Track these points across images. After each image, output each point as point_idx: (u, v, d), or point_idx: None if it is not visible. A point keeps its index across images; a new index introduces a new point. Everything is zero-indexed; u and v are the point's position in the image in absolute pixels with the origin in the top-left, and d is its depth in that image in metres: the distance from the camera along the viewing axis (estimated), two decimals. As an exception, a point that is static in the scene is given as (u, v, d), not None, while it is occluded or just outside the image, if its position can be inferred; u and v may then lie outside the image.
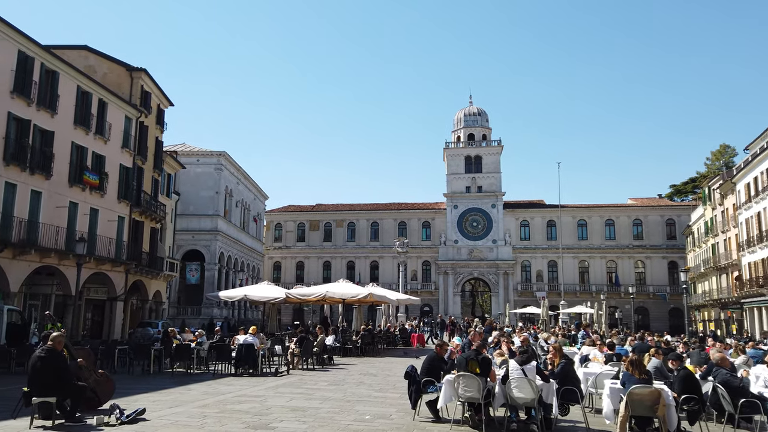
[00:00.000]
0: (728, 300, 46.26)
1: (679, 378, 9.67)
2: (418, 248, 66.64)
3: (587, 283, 63.80)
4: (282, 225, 71.27)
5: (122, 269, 30.38)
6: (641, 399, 8.62)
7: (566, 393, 9.92)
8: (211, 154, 47.84)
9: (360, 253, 68.55)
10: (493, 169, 67.20)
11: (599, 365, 12.88)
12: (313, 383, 15.12)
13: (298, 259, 70.03)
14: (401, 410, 11.07)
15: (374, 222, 69.56)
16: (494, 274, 65.32)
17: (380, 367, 19.75)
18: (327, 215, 70.66)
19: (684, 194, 75.35)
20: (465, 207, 66.80)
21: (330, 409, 11.21)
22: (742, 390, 9.44)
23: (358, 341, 24.49)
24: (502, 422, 9.67)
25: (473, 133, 69.42)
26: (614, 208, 66.65)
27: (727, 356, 11.75)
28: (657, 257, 63.74)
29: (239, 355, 16.73)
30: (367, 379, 16.34)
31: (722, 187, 47.71)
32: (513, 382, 9.34)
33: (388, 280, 61.74)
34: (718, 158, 68.95)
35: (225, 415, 10.41)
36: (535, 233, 66.45)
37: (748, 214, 41.54)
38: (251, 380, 15.62)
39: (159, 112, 36.10)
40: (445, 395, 9.79)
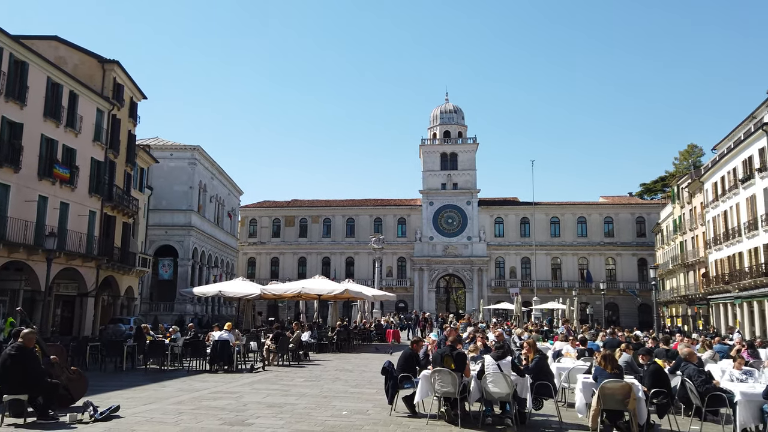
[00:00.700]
0: (695, 296, 47.45)
1: (648, 372, 9.93)
2: (394, 244, 66.81)
3: (559, 280, 64.76)
4: (257, 220, 70.74)
5: (93, 265, 29.85)
6: (613, 393, 8.84)
7: (540, 387, 10.11)
8: (184, 148, 47.20)
9: (336, 249, 68.45)
10: (468, 167, 67.70)
11: (572, 360, 13.14)
12: (289, 379, 15.12)
13: (273, 254, 69.60)
14: (378, 405, 11.15)
15: (350, 218, 69.52)
16: (469, 270, 65.87)
17: (356, 363, 19.82)
18: (302, 211, 70.37)
19: (654, 193, 76.92)
20: (440, 204, 67.18)
21: (307, 405, 11.24)
22: (709, 384, 9.74)
23: (334, 337, 24.51)
24: (478, 417, 9.82)
25: (449, 131, 69.81)
26: (586, 206, 67.73)
27: (695, 351, 12.11)
28: (627, 254, 65.02)
29: (214, 352, 16.62)
30: (343, 374, 16.40)
31: (690, 186, 48.86)
32: (488, 377, 9.48)
33: (363, 277, 61.78)
34: (687, 158, 70.54)
35: (201, 411, 10.36)
36: (509, 230, 67.17)
37: (714, 213, 42.63)
38: (226, 377, 15.54)
39: (132, 105, 35.48)
40: (421, 390, 9.90)
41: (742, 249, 37.38)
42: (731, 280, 38.42)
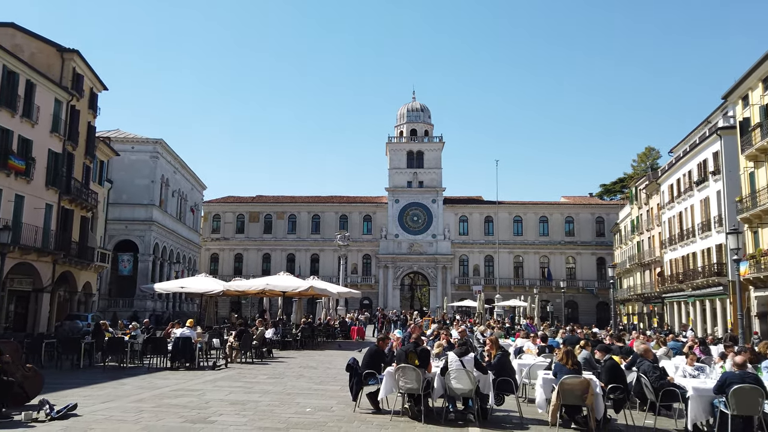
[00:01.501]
0: (651, 294, 48.92)
1: (605, 368, 10.22)
2: (359, 242, 66.85)
3: (521, 278, 65.89)
4: (221, 216, 69.78)
5: (49, 259, 28.97)
6: (572, 388, 9.08)
7: (502, 383, 10.30)
8: (146, 141, 46.18)
9: (300, 246, 68.09)
10: (434, 165, 68.19)
11: (533, 357, 13.42)
12: (253, 376, 15.01)
13: (237, 251, 68.78)
14: (342, 402, 11.18)
15: (315, 215, 69.23)
16: (433, 268, 66.40)
17: (320, 360, 19.79)
18: (267, 207, 69.71)
19: (613, 193, 78.85)
20: (406, 201, 67.51)
21: (270, 402, 11.19)
22: (664, 379, 10.08)
23: (298, 334, 24.41)
24: (441, 412, 9.95)
25: (416, 129, 70.15)
26: (548, 205, 69.06)
27: (651, 348, 12.52)
28: (587, 253, 66.55)
29: (176, 349, 16.36)
30: (307, 371, 16.36)
31: (648, 188, 50.31)
32: (452, 374, 9.62)
33: (328, 273, 61.62)
34: (644, 160, 72.58)
35: (162, 409, 10.21)
36: (473, 229, 67.97)
37: (670, 214, 44.00)
38: (188, 374, 15.32)
39: (92, 96, 34.52)
40: (385, 387, 9.98)
41: (695, 249, 38.69)
42: (685, 280, 39.74)
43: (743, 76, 31.22)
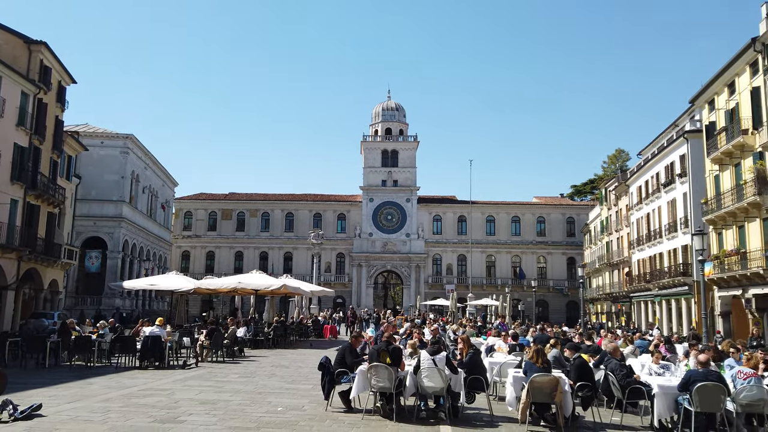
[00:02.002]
0: (619, 294, 49.88)
1: (574, 366, 10.40)
2: (333, 240, 66.69)
3: (493, 277, 66.54)
4: (192, 213, 68.86)
5: (14, 256, 28.22)
6: (541, 386, 9.22)
7: (473, 382, 10.41)
8: (116, 136, 45.28)
9: (274, 244, 67.61)
10: (408, 164, 68.40)
11: (503, 355, 13.58)
12: (224, 376, 14.87)
13: (209, 248, 67.99)
14: (314, 401, 11.15)
15: (289, 213, 68.82)
16: (407, 266, 66.61)
17: (292, 358, 19.71)
18: (240, 204, 69.05)
19: (583, 194, 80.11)
20: (380, 200, 67.57)
21: (241, 401, 11.10)
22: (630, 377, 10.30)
23: (270, 333, 24.25)
24: (412, 411, 10.00)
25: (390, 128, 70.24)
26: (520, 205, 69.84)
27: (619, 347, 12.77)
28: (557, 253, 67.53)
29: (145, 348, 16.11)
30: (279, 371, 16.27)
31: (617, 189, 51.25)
32: (423, 372, 9.68)
33: (301, 272, 61.32)
34: (614, 162, 73.91)
35: (130, 409, 10.05)
36: (446, 228, 68.38)
37: (638, 215, 44.91)
38: (157, 373, 15.11)
39: (60, 90, 33.71)
40: (358, 386, 9.99)
41: (662, 250, 39.56)
42: (652, 279, 40.60)
43: (709, 81, 32.01)
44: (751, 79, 27.95)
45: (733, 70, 29.53)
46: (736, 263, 28.54)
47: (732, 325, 30.75)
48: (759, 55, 27.06)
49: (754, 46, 27.11)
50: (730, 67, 29.58)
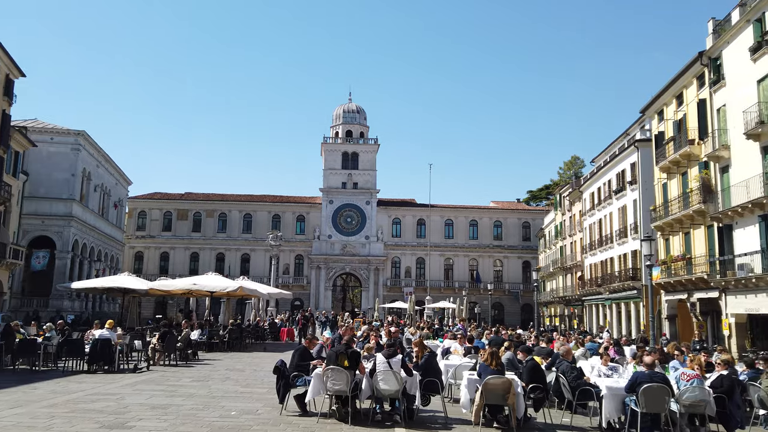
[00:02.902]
0: (572, 297, 51.13)
1: (526, 369, 10.62)
2: (292, 242, 66.16)
3: (451, 280, 67.24)
4: (147, 213, 67.17)
5: (-46, 255, 26.96)
6: (494, 389, 9.38)
7: (428, 384, 10.50)
8: (67, 132, 43.77)
9: (231, 245, 66.60)
10: (369, 167, 68.49)
11: (459, 357, 13.75)
12: (176, 380, 14.56)
13: (163, 249, 66.44)
14: (269, 405, 11.04)
15: (247, 214, 67.93)
16: (366, 269, 66.65)
17: (248, 362, 19.45)
18: (197, 204, 67.76)
19: (539, 199, 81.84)
20: (340, 202, 67.43)
21: (193, 405, 10.90)
22: (580, 379, 10.58)
23: (226, 336, 23.86)
24: (368, 414, 10.02)
25: (351, 130, 70.23)
26: (478, 209, 70.85)
27: (571, 349, 13.10)
28: (513, 257, 68.76)
29: (94, 351, 15.61)
30: (233, 374, 16.04)
31: (571, 195, 52.57)
32: (379, 375, 9.72)
33: (259, 274, 60.59)
34: (570, 168, 75.86)
35: (76, 415, 9.74)
36: (406, 231, 68.75)
37: (591, 221, 46.16)
38: (107, 377, 14.68)
39: (8, 83, 32.42)
40: (313, 389, 9.95)
41: (613, 255, 40.77)
42: (603, 283, 41.80)
43: (659, 92, 33.24)
44: (697, 91, 29.15)
45: (681, 83, 30.76)
46: (682, 268, 29.68)
47: (678, 328, 31.94)
48: (705, 68, 28.25)
49: (700, 59, 28.30)
50: (678, 79, 30.79)
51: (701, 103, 28.45)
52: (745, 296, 24.46)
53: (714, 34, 27.91)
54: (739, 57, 25.37)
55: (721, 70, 26.94)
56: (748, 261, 23.87)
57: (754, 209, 23.57)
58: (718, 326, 27.57)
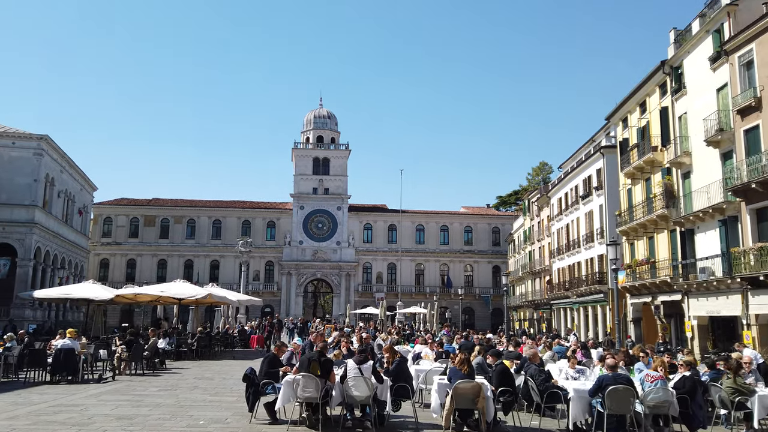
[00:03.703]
0: (540, 301, 51.84)
1: (496, 372, 10.74)
2: (262, 248, 65.57)
3: (422, 285, 67.48)
4: (112, 219, 65.78)
5: None
6: (464, 393, 9.46)
7: (399, 389, 10.52)
8: (30, 137, 42.58)
9: (200, 252, 65.66)
10: (340, 172, 68.40)
11: (430, 362, 13.81)
12: (143, 389, 14.28)
13: (130, 256, 65.14)
14: (238, 414, 10.91)
15: (216, 220, 67.10)
16: (337, 275, 66.43)
17: (217, 370, 19.19)
18: (165, 211, 66.64)
19: (508, 205, 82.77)
20: (311, 208, 67.15)
21: (161, 415, 10.71)
22: (548, 382, 10.75)
23: (194, 344, 23.49)
24: (338, 420, 9.99)
25: (322, 136, 70.08)
26: (449, 215, 71.37)
27: (538, 352, 13.29)
28: (483, 262, 69.38)
29: (57, 361, 15.19)
30: (202, 383, 15.80)
31: (539, 201, 53.38)
32: (350, 381, 9.70)
33: (228, 280, 59.86)
34: (538, 174, 76.97)
35: (38, 427, 9.48)
36: (377, 236, 68.80)
37: (559, 226, 46.94)
38: (70, 388, 14.30)
39: (-35, 85, 31.43)
40: (283, 396, 9.87)
41: (580, 259, 41.51)
42: (571, 287, 42.50)
43: (623, 100, 34.06)
44: (660, 99, 29.97)
45: (645, 91, 31.59)
46: (646, 272, 30.38)
47: (643, 331, 32.64)
48: (667, 77, 29.08)
49: (663, 68, 29.13)
50: (642, 87, 31.61)
51: (664, 111, 29.26)
52: (707, 299, 25.17)
53: (675, 43, 28.76)
54: (700, 66, 26.20)
55: (682, 79, 27.77)
56: (709, 264, 24.57)
57: (714, 214, 24.29)
58: (681, 328, 28.26)
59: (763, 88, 21.51)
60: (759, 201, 21.59)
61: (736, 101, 22.90)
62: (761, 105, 21.65)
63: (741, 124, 22.78)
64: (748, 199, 22.10)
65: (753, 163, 21.53)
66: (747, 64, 22.83)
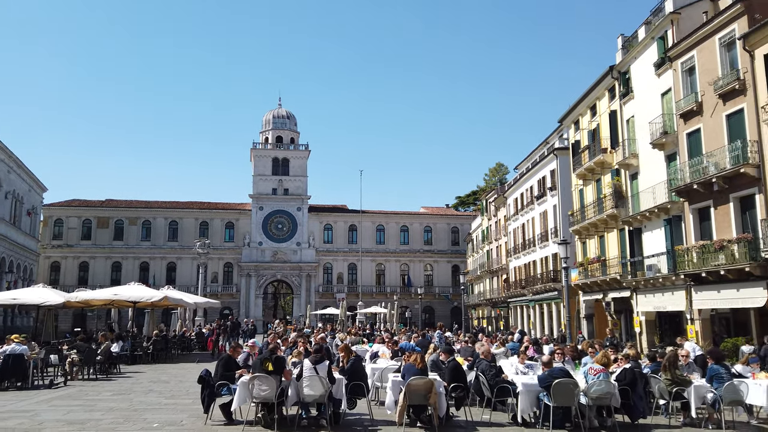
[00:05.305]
0: (498, 299, 52.82)
1: (448, 369, 11.05)
2: (221, 249, 64.75)
3: (383, 285, 67.85)
4: (63, 221, 63.85)
5: None
6: (417, 389, 9.72)
7: (354, 388, 10.72)
8: (-26, 135, 41.09)
9: (156, 254, 64.36)
10: (299, 173, 68.14)
11: (386, 360, 14.05)
12: (96, 393, 14.07)
13: (82, 259, 63.35)
14: (193, 416, 10.92)
15: (173, 221, 65.90)
16: (297, 276, 66.15)
17: (173, 373, 18.99)
18: (119, 212, 65.09)
19: (467, 205, 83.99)
20: (271, 209, 66.66)
21: (113, 419, 10.62)
22: (499, 377, 11.12)
23: (149, 347, 23.14)
24: (294, 420, 10.11)
25: (281, 136, 69.67)
26: (409, 215, 71.97)
27: (490, 349, 13.69)
28: (443, 261, 70.24)
29: (5, 367, 14.79)
30: (157, 386, 15.64)
31: (496, 201, 54.38)
32: (305, 381, 9.85)
33: (186, 282, 58.89)
34: (495, 174, 78.36)
35: (-15, 434, 9.29)
36: (337, 236, 68.81)
37: (515, 225, 47.94)
38: (20, 394, 13.97)
39: None
40: (239, 397, 9.94)
41: (535, 258, 42.51)
42: (527, 285, 43.48)
43: (575, 103, 35.10)
44: (609, 102, 31.04)
45: (595, 95, 32.65)
46: (597, 270, 31.39)
47: (595, 327, 33.70)
48: (615, 81, 30.14)
49: (611, 73, 30.18)
50: (592, 91, 32.67)
51: (612, 114, 30.31)
52: (654, 295, 26.22)
53: (623, 49, 29.85)
54: (645, 71, 27.28)
55: (629, 84, 28.83)
56: (655, 262, 25.62)
57: (660, 213, 25.33)
58: (631, 324, 29.34)
59: (704, 93, 22.56)
60: (701, 201, 22.64)
61: (679, 105, 23.95)
62: (702, 109, 22.71)
63: (684, 127, 23.84)
64: (690, 199, 23.14)
65: (695, 164, 22.55)
66: (689, 70, 23.90)
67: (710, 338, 22.26)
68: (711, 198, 21.91)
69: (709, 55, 22.49)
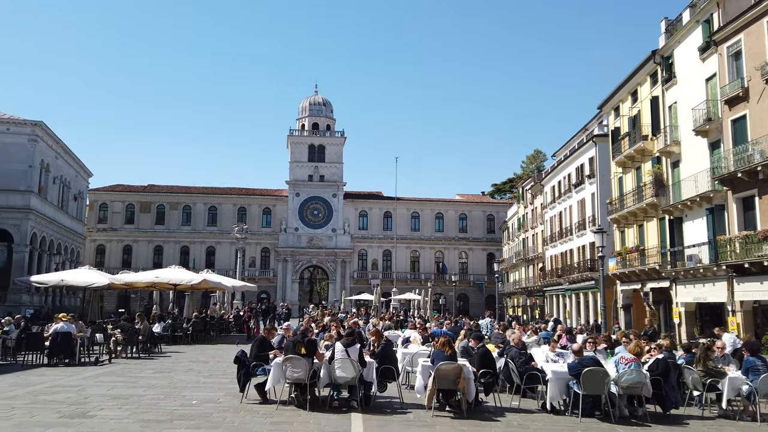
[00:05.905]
0: (533, 288, 52.39)
1: (477, 355, 11.15)
2: (258, 234, 65.88)
3: (417, 272, 67.99)
4: (108, 205, 65.97)
5: None
6: (446, 374, 9.86)
7: (385, 371, 10.93)
8: (24, 123, 42.64)
9: (195, 238, 65.96)
10: (335, 159, 68.58)
11: (417, 345, 14.24)
12: (138, 371, 14.68)
13: (126, 242, 65.42)
14: (230, 394, 11.31)
15: (212, 206, 67.35)
16: (332, 262, 66.86)
17: (211, 354, 19.61)
18: (160, 197, 66.83)
19: (503, 192, 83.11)
20: (307, 195, 67.40)
21: (155, 395, 11.10)
22: (528, 364, 11.16)
23: (189, 329, 23.90)
24: (326, 401, 10.39)
25: (317, 123, 70.15)
26: (444, 202, 71.72)
27: (522, 337, 13.73)
28: (478, 249, 69.89)
29: (54, 345, 15.57)
30: (196, 365, 16.21)
31: (533, 188, 53.72)
32: (337, 363, 10.10)
33: (224, 267, 60.25)
34: (532, 162, 77.27)
35: (37, 406, 9.85)
36: (372, 223, 69.16)
37: (552, 213, 47.35)
38: (68, 370, 14.70)
39: (-40, 71, 31.48)
40: (273, 377, 10.26)
41: (572, 246, 41.96)
42: (563, 274, 42.99)
43: (615, 89, 34.28)
44: (651, 88, 30.23)
45: (636, 80, 31.82)
46: (636, 259, 30.82)
47: (632, 317, 33.16)
48: (658, 66, 29.32)
49: (653, 58, 29.35)
50: (633, 77, 31.84)
51: (654, 100, 29.53)
52: (694, 286, 25.64)
53: (666, 33, 28.96)
54: (690, 56, 26.45)
55: (672, 69, 28.01)
56: (696, 252, 25.01)
57: (702, 203, 24.67)
58: (669, 315, 28.77)
59: (751, 79, 21.80)
60: (745, 190, 21.97)
61: (724, 91, 23.19)
62: (748, 95, 21.95)
63: (729, 114, 23.10)
64: (734, 188, 22.47)
65: (739, 152, 21.86)
66: (735, 55, 23.09)
67: (752, 330, 21.71)
68: (756, 187, 21.24)
69: (756, 39, 21.67)
